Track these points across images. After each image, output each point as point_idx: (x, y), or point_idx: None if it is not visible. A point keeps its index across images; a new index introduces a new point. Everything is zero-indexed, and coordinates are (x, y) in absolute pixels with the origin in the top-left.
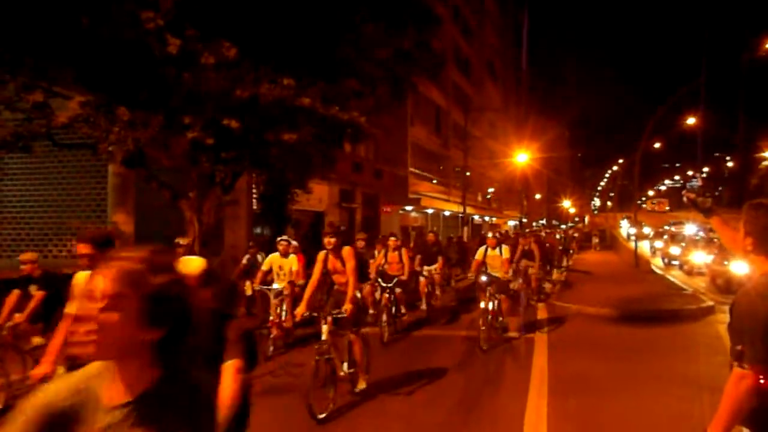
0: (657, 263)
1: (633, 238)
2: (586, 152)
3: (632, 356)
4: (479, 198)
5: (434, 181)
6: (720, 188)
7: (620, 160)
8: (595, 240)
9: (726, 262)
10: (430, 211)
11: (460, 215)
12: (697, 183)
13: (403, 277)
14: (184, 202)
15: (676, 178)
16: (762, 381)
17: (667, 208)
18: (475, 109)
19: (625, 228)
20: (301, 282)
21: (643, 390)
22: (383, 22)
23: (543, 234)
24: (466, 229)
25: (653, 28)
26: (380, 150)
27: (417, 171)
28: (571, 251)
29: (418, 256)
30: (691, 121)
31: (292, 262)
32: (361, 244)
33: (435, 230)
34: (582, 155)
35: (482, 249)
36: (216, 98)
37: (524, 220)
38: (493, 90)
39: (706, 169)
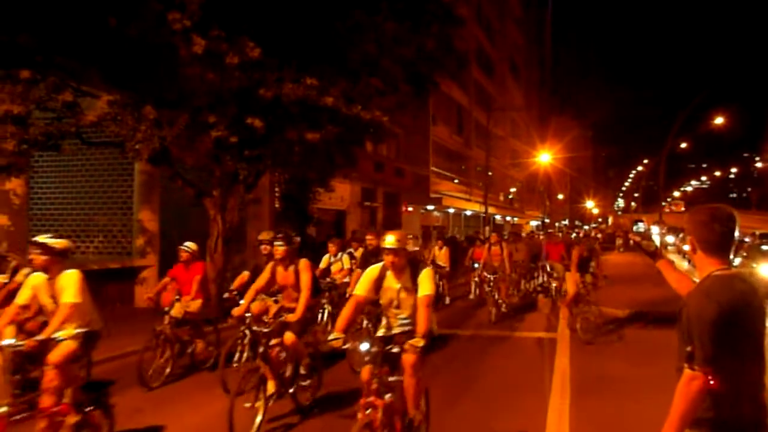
0: (682, 266)
1: (668, 245)
2: (610, 152)
3: (655, 358)
4: (501, 198)
5: (456, 181)
6: (749, 189)
7: (645, 160)
8: (619, 241)
9: (754, 266)
10: (451, 210)
11: (482, 215)
12: (643, 225)
13: (290, 318)
14: (208, 200)
15: (703, 178)
16: (711, 382)
17: (683, 209)
18: (497, 109)
19: (656, 233)
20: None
21: (666, 393)
22: (406, 21)
23: (559, 234)
24: (487, 228)
25: (680, 27)
26: (402, 149)
27: (438, 170)
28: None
29: (357, 272)
30: (719, 120)
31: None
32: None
33: (375, 230)
34: (606, 155)
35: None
36: (240, 97)
37: (546, 220)
38: (516, 89)
39: (734, 170)
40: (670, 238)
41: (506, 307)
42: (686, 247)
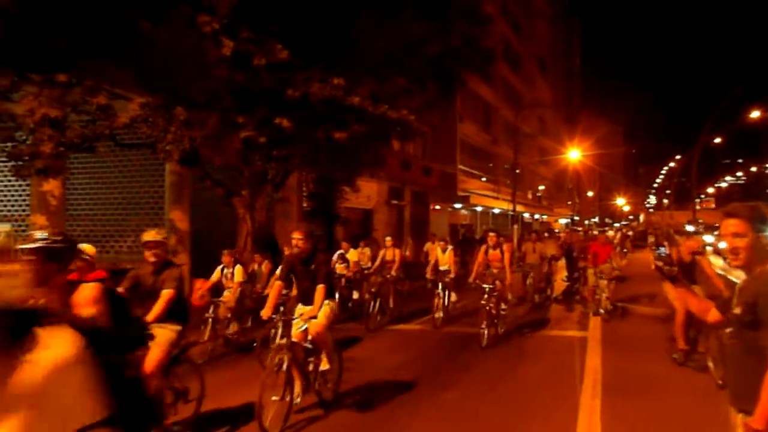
0: (717, 263)
1: (707, 245)
2: (641, 148)
3: (690, 359)
4: (529, 195)
5: (483, 179)
6: None
7: (678, 156)
8: (651, 239)
9: None
10: (479, 208)
11: (510, 213)
12: (664, 250)
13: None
14: (237, 199)
15: (738, 174)
16: None
17: (713, 206)
18: (525, 106)
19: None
20: None
21: (702, 393)
22: (432, 19)
23: (596, 233)
24: (516, 227)
25: (715, 20)
26: (429, 147)
27: (466, 168)
28: (625, 250)
29: (276, 284)
30: (755, 114)
31: None
32: (226, 259)
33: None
34: (637, 151)
35: None
36: (268, 98)
37: (576, 218)
38: (544, 85)
39: None
40: (708, 238)
41: (503, 326)
42: (722, 245)
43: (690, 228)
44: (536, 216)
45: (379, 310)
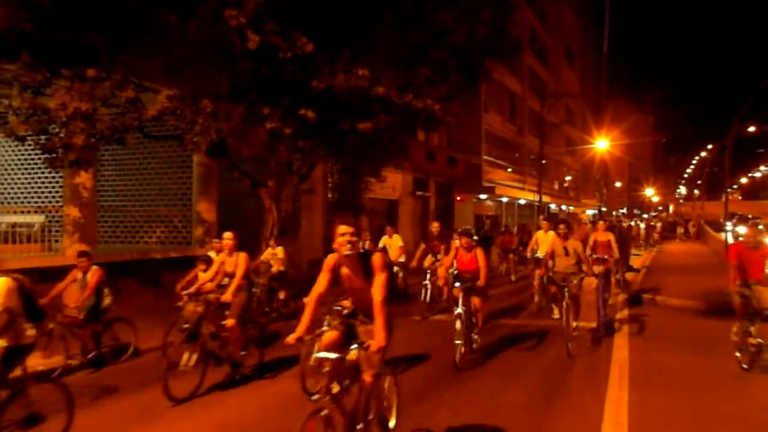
0: None
1: (740, 236)
2: (672, 137)
3: (720, 351)
4: (555, 186)
5: (509, 169)
6: None
7: (709, 146)
8: (680, 230)
9: None
10: (504, 199)
11: (536, 204)
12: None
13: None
14: (263, 190)
15: None
16: None
17: (740, 198)
18: (552, 95)
19: (730, 229)
20: None
21: (731, 386)
22: (457, 8)
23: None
24: (540, 218)
25: (747, 5)
26: (454, 138)
27: (491, 159)
28: (651, 242)
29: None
30: None
31: None
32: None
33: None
34: (666, 141)
35: None
36: (293, 89)
37: (603, 209)
38: (571, 75)
39: None
40: (741, 229)
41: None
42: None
43: (728, 224)
44: (563, 207)
45: (202, 358)
